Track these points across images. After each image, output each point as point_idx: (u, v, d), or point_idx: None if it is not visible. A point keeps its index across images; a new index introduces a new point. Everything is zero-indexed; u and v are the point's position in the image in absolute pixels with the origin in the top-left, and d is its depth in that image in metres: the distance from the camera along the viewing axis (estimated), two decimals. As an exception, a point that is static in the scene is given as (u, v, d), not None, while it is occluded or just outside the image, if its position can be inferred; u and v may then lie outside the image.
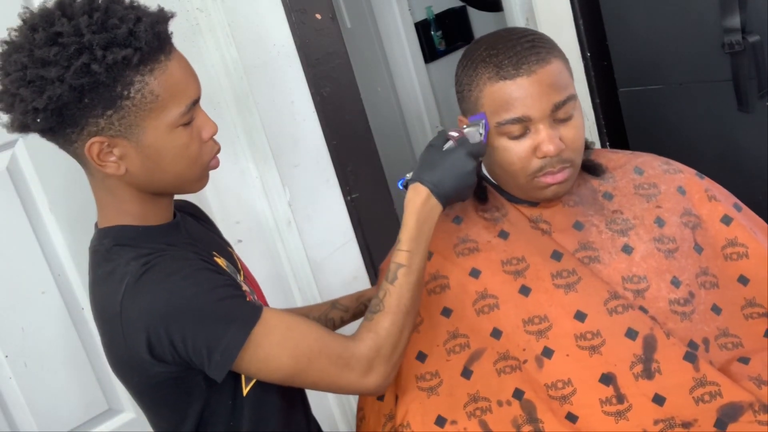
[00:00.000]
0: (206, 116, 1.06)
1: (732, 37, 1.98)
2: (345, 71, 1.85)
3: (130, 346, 1.00)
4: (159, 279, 1.00)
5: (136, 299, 0.99)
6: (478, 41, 1.22)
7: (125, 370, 1.08)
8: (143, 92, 0.97)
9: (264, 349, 1.02)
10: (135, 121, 0.98)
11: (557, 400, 1.12)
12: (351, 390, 1.08)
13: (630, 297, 1.16)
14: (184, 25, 1.61)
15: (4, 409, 1.46)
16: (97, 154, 0.99)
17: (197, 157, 1.05)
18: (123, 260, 1.02)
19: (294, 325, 1.05)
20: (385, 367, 1.06)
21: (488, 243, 1.23)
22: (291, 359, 1.03)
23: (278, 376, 1.05)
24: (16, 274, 1.45)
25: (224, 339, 0.99)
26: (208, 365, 1.00)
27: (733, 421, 1.06)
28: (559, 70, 1.15)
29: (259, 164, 1.73)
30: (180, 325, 0.98)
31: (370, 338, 1.06)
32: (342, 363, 1.04)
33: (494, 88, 1.15)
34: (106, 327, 1.05)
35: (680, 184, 1.27)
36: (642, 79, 2.27)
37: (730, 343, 1.15)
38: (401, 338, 1.08)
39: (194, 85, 1.04)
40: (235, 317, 1.01)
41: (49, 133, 1.01)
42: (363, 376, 1.05)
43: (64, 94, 0.94)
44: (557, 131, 1.15)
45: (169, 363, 1.01)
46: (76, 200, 1.50)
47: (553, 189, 1.19)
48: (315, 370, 1.04)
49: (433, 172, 1.13)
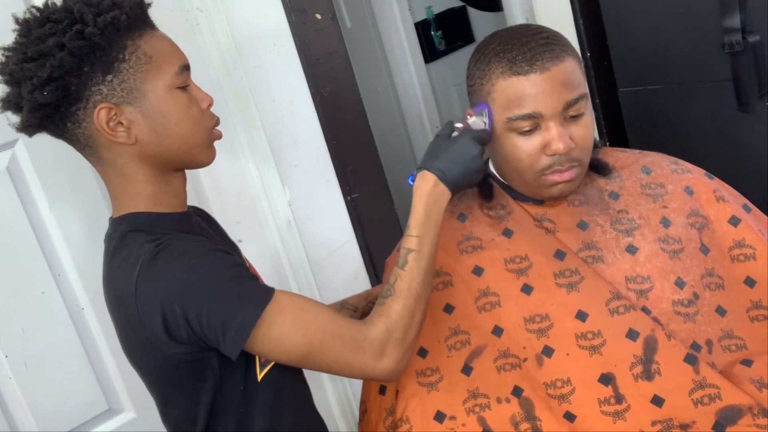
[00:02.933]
0: (200, 89, 1.13)
1: (732, 37, 1.97)
2: (345, 71, 1.85)
3: (147, 327, 1.02)
4: (173, 258, 1.03)
5: (151, 279, 1.01)
6: (492, 36, 1.21)
7: (141, 354, 1.09)
8: (137, 54, 1.05)
9: (277, 328, 1.03)
10: (134, 84, 1.04)
11: (556, 399, 1.12)
12: (365, 373, 1.08)
13: (633, 297, 1.16)
14: (184, 25, 1.61)
15: (4, 409, 1.46)
16: (107, 122, 1.04)
17: (200, 119, 1.10)
18: (137, 244, 1.05)
19: (307, 306, 1.06)
20: (397, 351, 1.06)
21: (492, 241, 1.23)
22: (304, 339, 1.04)
23: (292, 356, 1.06)
24: (16, 274, 1.45)
25: (239, 315, 1.01)
26: (222, 341, 1.01)
27: (731, 424, 1.06)
28: (572, 69, 1.15)
29: (259, 164, 1.73)
30: (195, 301, 1.00)
31: (381, 322, 1.06)
32: (355, 345, 1.04)
33: (507, 83, 1.15)
34: (122, 310, 1.07)
35: (688, 184, 1.26)
36: (642, 79, 2.26)
37: (734, 345, 1.15)
38: (412, 323, 1.08)
39: (181, 53, 1.11)
40: (249, 295, 1.03)
41: (57, 117, 1.04)
42: (376, 359, 1.05)
43: (65, 61, 1.00)
44: (567, 129, 1.15)
45: (184, 342, 1.02)
46: (76, 200, 1.50)
47: (560, 187, 1.19)
48: (328, 351, 1.04)
49: (440, 159, 1.15)
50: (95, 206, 1.52)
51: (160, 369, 1.08)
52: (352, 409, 1.87)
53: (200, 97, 1.12)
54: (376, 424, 1.23)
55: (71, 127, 1.06)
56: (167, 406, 1.15)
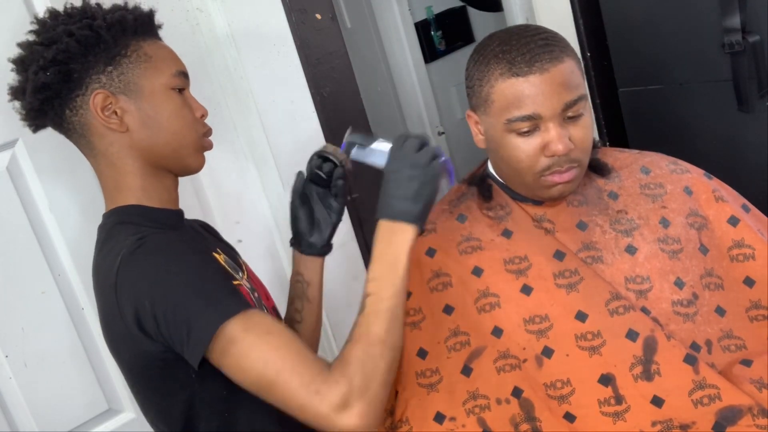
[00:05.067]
0: (196, 100, 1.18)
1: (732, 37, 1.97)
2: (345, 71, 1.85)
3: (124, 318, 1.02)
4: (151, 253, 1.03)
5: (128, 272, 1.02)
6: (491, 36, 1.21)
7: (118, 346, 1.09)
8: (138, 53, 1.11)
9: (238, 345, 0.98)
10: (132, 78, 1.10)
11: (555, 400, 1.12)
12: (323, 424, 0.97)
13: (632, 298, 1.16)
14: (184, 25, 1.61)
15: (4, 409, 1.46)
16: (102, 108, 1.08)
17: (192, 121, 1.14)
18: (122, 236, 1.07)
19: (275, 330, 1.00)
20: (361, 403, 0.96)
21: (491, 241, 1.23)
22: (260, 363, 0.98)
23: (247, 378, 1.00)
24: (16, 274, 1.44)
25: (202, 319, 0.98)
26: (186, 344, 0.99)
27: (731, 425, 1.06)
28: (571, 70, 1.15)
29: (259, 164, 1.73)
30: (164, 299, 0.99)
31: (339, 369, 0.98)
32: (313, 389, 0.96)
33: (506, 84, 1.14)
34: (105, 301, 1.08)
35: (687, 184, 1.26)
36: (642, 79, 2.26)
37: (734, 345, 1.15)
38: (376, 370, 0.99)
39: (181, 61, 1.16)
40: (218, 300, 1.01)
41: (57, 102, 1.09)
42: (336, 410, 0.95)
43: (71, 46, 1.07)
44: (567, 130, 1.14)
45: (156, 340, 1.01)
46: (76, 200, 1.50)
47: (560, 188, 1.19)
48: (282, 385, 0.97)
49: (381, 201, 1.11)
50: (95, 206, 1.52)
51: (134, 364, 1.07)
52: (352, 409, 1.87)
53: (195, 106, 1.16)
54: (376, 425, 1.23)
55: (69, 115, 1.10)
56: (144, 404, 1.14)
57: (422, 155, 1.12)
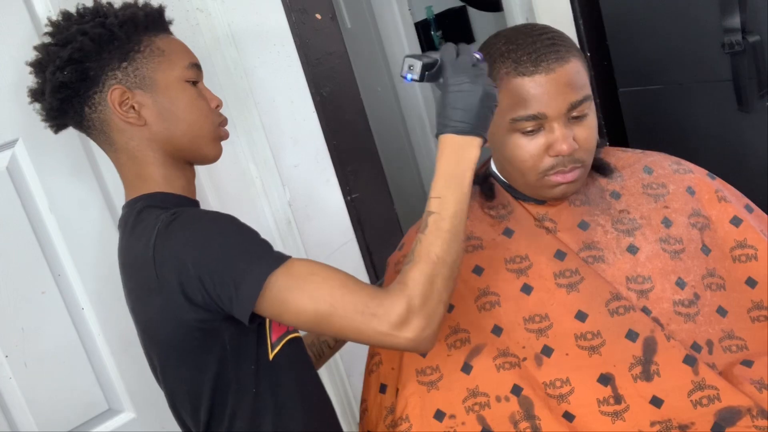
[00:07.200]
0: (211, 91, 1.21)
1: (732, 37, 1.97)
2: (345, 71, 1.85)
3: (164, 290, 1.05)
4: (188, 221, 1.07)
5: (167, 242, 1.05)
6: (497, 35, 1.21)
7: (156, 322, 1.10)
8: (151, 47, 1.14)
9: (285, 291, 1.02)
10: (147, 72, 1.13)
11: (555, 399, 1.12)
12: (384, 342, 1.02)
13: (633, 297, 1.16)
14: (184, 25, 1.61)
15: (4, 409, 1.46)
16: (119, 103, 1.12)
17: (207, 111, 1.17)
18: (153, 215, 1.09)
19: (319, 270, 1.05)
20: (418, 319, 1.00)
21: (492, 241, 1.23)
22: (311, 303, 1.02)
23: (301, 321, 1.04)
24: (16, 274, 1.45)
25: (250, 275, 1.02)
26: (235, 300, 1.02)
27: (730, 426, 1.06)
28: (576, 70, 1.15)
29: (259, 164, 1.73)
30: (208, 261, 1.03)
31: (398, 289, 1.01)
32: (369, 312, 1.00)
33: (511, 83, 1.14)
34: (140, 276, 1.10)
35: (690, 184, 1.26)
36: (642, 79, 2.27)
37: (735, 346, 1.14)
38: (433, 288, 1.01)
39: (193, 54, 1.20)
40: (261, 256, 1.05)
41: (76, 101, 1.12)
42: (394, 328, 1.00)
43: (86, 45, 1.10)
44: (571, 130, 1.14)
45: (199, 305, 1.04)
46: (76, 200, 1.50)
47: (563, 188, 1.18)
48: (338, 317, 1.01)
49: (442, 112, 1.07)
50: (95, 206, 1.52)
51: (172, 338, 1.09)
52: (352, 408, 1.87)
53: (209, 97, 1.19)
54: (377, 423, 1.23)
55: (88, 112, 1.13)
56: (174, 382, 1.16)
57: (479, 69, 1.08)
